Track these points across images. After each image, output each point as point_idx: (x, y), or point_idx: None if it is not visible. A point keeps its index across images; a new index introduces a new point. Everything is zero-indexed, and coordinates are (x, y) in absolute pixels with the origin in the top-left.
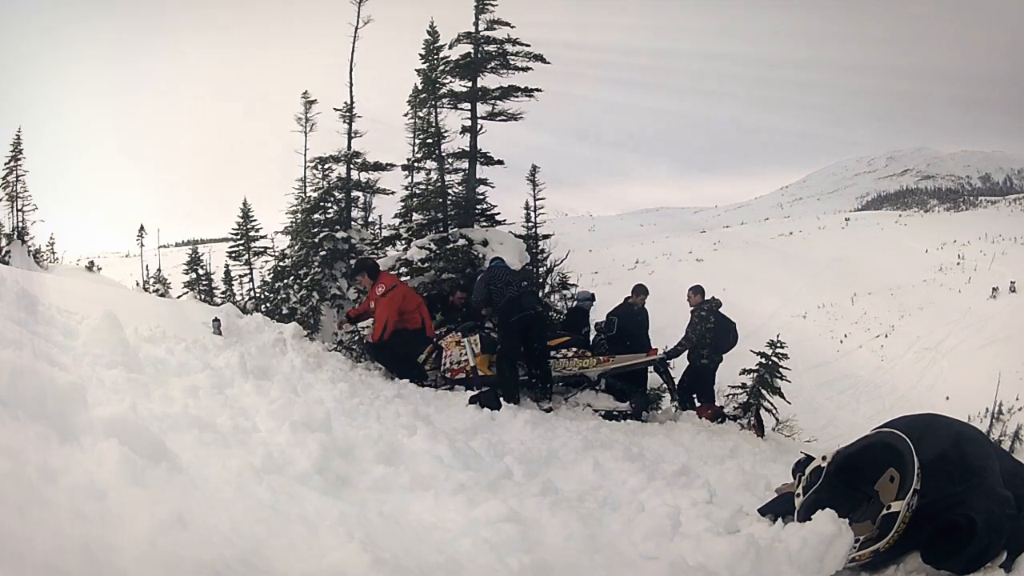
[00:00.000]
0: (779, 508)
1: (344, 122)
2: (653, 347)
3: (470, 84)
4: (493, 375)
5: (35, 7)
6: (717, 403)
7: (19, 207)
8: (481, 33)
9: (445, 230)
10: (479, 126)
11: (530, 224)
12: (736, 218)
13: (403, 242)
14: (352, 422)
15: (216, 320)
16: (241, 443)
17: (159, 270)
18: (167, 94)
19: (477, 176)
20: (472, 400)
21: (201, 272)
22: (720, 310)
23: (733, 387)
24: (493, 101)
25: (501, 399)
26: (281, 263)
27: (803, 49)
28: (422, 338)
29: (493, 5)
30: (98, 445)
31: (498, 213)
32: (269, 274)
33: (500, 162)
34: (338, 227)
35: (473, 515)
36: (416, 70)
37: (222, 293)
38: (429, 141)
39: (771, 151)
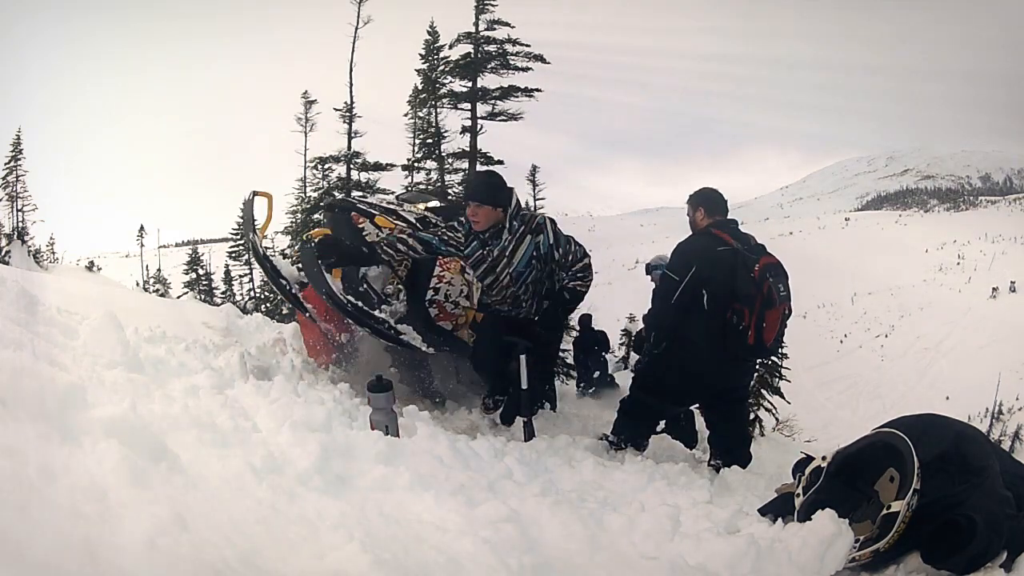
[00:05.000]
0: (779, 508)
1: (344, 122)
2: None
3: (470, 84)
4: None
5: (36, 7)
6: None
7: (19, 207)
8: (481, 33)
9: None
10: (479, 126)
11: None
12: (736, 218)
13: None
14: (352, 422)
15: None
16: (241, 443)
17: (159, 270)
18: (167, 93)
19: None
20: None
21: (201, 272)
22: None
23: None
24: (493, 101)
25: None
26: None
27: (803, 49)
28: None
29: (493, 5)
30: (98, 445)
31: None
32: None
33: (500, 162)
34: None
35: (473, 515)
36: (416, 70)
37: (222, 293)
38: (429, 141)
39: (771, 151)
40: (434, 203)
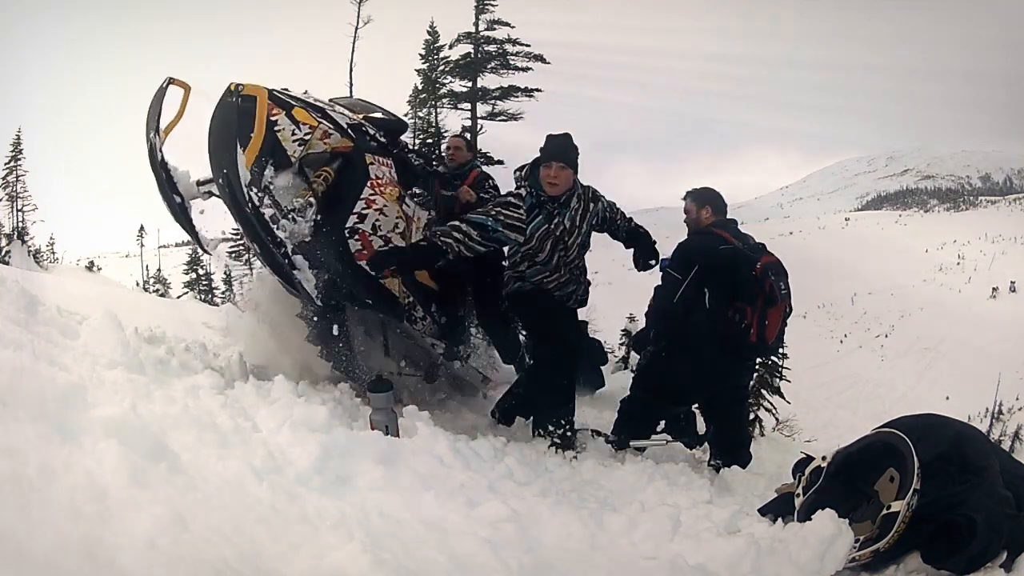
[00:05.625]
0: (779, 508)
1: None
2: None
3: (470, 84)
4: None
5: (36, 7)
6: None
7: (19, 207)
8: (481, 33)
9: None
10: (479, 126)
11: None
12: (736, 218)
13: None
14: (352, 422)
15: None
16: (241, 443)
17: (159, 270)
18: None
19: None
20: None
21: (201, 272)
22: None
23: None
24: (493, 101)
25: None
26: None
27: (803, 49)
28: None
29: (493, 5)
30: (98, 445)
31: None
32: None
33: (500, 162)
34: None
35: (473, 515)
36: (416, 70)
37: (222, 293)
38: (429, 141)
39: (771, 151)
40: (377, 114)
